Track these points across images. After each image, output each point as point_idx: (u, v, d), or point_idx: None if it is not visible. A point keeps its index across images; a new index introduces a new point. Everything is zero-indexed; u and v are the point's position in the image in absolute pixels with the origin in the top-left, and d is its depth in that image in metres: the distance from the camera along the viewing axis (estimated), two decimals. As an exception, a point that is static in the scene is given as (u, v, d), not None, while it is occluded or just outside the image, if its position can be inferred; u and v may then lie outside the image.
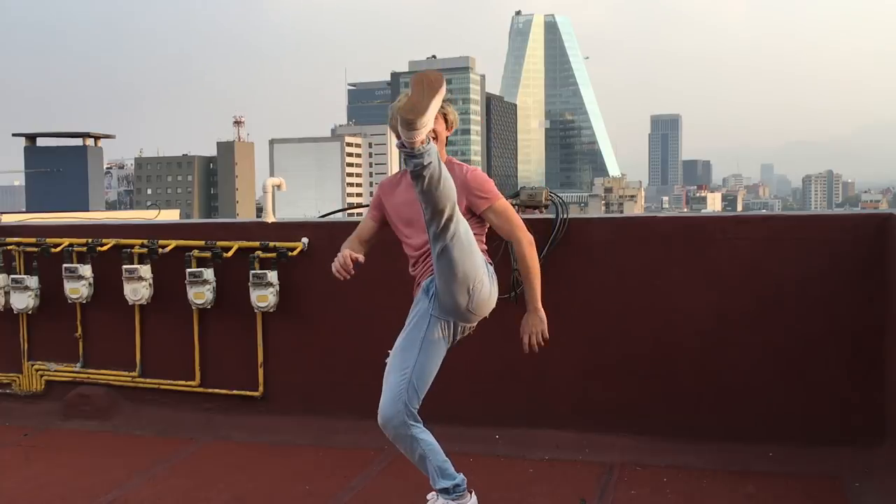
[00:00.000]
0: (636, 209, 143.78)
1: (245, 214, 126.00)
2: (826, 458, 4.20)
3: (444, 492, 3.52)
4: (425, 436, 3.49)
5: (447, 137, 3.61)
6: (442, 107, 3.39)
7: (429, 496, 3.66)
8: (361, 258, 3.56)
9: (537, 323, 3.58)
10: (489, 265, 3.49)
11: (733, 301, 4.40)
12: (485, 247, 3.58)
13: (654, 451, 4.39)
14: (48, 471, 4.56)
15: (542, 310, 3.60)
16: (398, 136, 3.09)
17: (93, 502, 4.09)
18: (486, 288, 3.38)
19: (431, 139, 3.14)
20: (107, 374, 5.45)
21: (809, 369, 4.32)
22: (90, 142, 30.13)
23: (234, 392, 5.19)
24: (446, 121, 3.48)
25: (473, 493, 3.60)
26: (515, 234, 3.50)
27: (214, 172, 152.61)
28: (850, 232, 4.31)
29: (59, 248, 5.41)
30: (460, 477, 3.55)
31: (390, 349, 3.55)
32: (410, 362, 3.39)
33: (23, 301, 5.44)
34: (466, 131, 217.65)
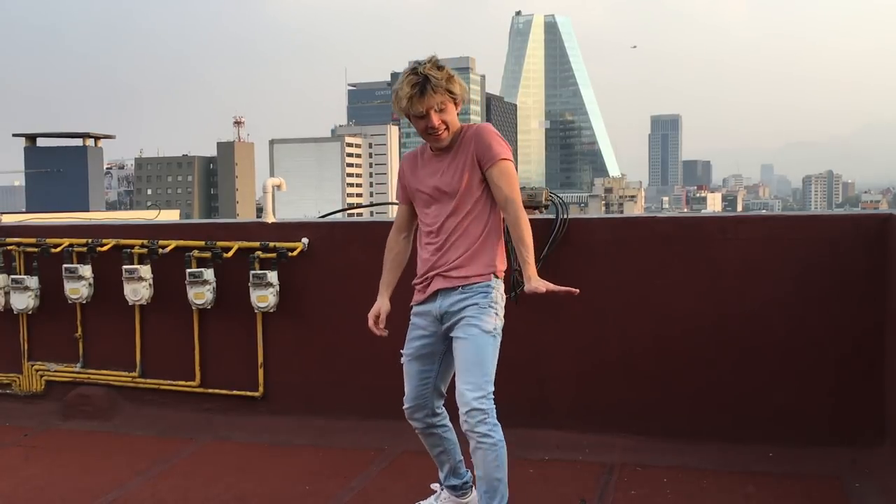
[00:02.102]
0: (636, 209, 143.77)
1: (245, 214, 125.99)
2: (826, 458, 4.20)
3: (452, 489, 3.65)
4: (451, 434, 3.60)
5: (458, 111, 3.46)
6: (448, 89, 3.27)
7: (433, 486, 3.77)
8: (383, 314, 3.57)
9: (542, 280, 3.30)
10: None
11: (733, 301, 4.40)
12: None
13: (654, 451, 4.39)
14: (48, 471, 4.55)
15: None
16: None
17: (93, 502, 4.09)
18: None
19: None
20: (107, 375, 5.44)
21: (809, 369, 4.32)
22: (90, 142, 30.18)
23: (234, 392, 5.19)
24: (455, 102, 3.33)
25: (474, 488, 3.64)
26: (514, 194, 3.33)
27: (214, 172, 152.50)
28: (850, 232, 4.31)
29: (59, 249, 5.41)
30: (468, 475, 3.65)
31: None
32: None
33: (23, 301, 5.44)
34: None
